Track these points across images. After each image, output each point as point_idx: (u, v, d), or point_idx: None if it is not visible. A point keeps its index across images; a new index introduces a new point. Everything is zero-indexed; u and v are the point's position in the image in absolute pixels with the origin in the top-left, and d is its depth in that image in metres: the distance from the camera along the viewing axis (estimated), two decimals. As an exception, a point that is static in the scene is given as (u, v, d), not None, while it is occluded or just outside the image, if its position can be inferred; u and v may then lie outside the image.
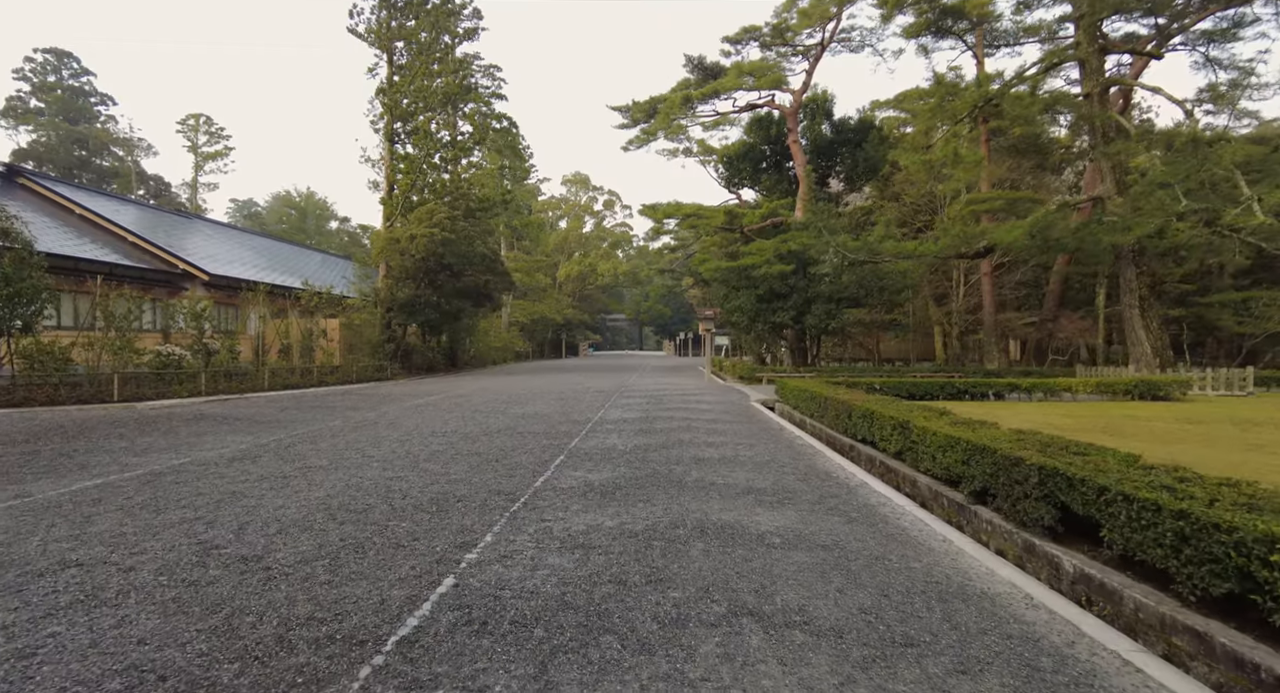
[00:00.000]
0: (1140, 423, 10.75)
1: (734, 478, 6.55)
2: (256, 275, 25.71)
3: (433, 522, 4.79)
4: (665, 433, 9.71)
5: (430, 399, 15.37)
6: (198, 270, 22.31)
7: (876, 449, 8.09)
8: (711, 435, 9.56)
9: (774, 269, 20.35)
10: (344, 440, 8.78)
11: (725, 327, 28.03)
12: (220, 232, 33.28)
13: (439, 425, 10.36)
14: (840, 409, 9.61)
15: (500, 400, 14.92)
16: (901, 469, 7.08)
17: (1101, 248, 17.41)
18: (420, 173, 27.58)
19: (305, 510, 5.05)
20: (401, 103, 27.38)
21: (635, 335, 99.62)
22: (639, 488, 6.02)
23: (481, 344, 39.76)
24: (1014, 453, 4.95)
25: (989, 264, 24.21)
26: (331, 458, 7.39)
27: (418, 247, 24.70)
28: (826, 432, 10.24)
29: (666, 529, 4.68)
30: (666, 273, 51.11)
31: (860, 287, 21.83)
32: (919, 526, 5.15)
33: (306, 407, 13.53)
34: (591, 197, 64.39)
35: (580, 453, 7.91)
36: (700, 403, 14.74)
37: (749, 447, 8.65)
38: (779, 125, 28.20)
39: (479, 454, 7.70)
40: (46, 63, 49.27)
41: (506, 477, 6.44)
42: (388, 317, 26.66)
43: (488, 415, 11.83)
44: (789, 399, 13.47)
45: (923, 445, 6.69)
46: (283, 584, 3.45)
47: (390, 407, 13.52)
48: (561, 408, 13.30)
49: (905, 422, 7.23)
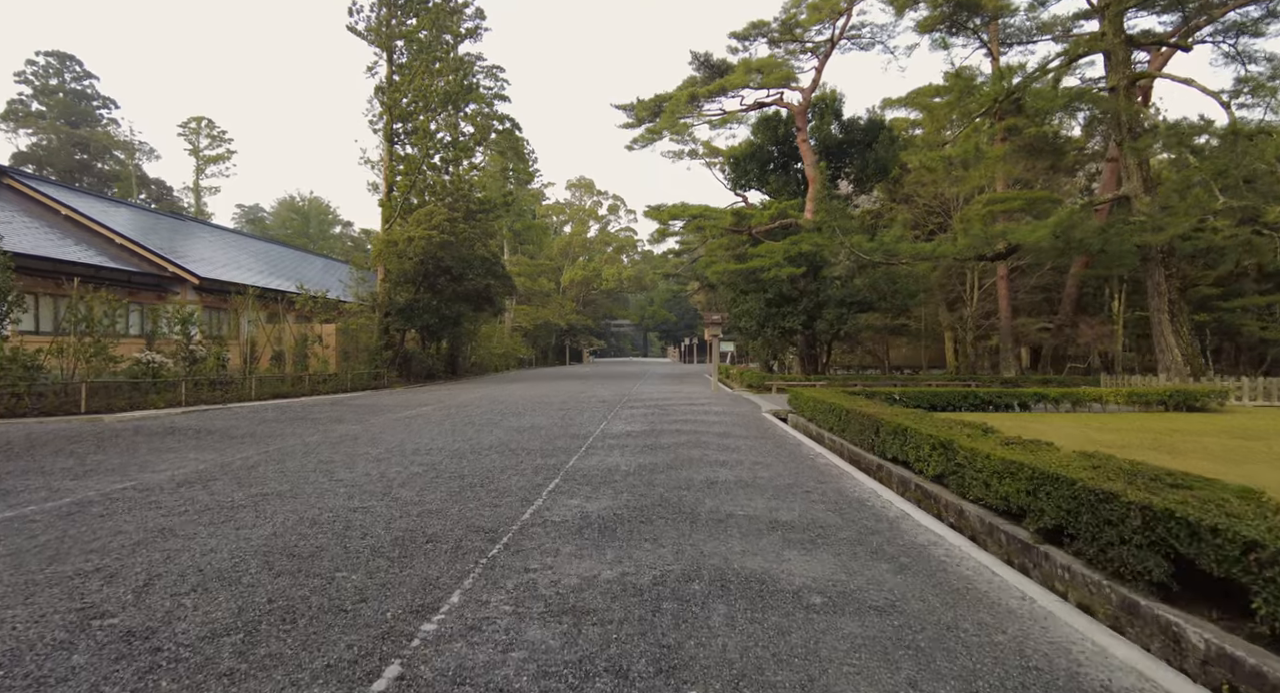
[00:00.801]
0: (1190, 438, 9.82)
1: (754, 507, 5.66)
2: (252, 280, 24.95)
3: (390, 573, 3.92)
4: (672, 449, 8.83)
5: (423, 410, 14.52)
6: (188, 274, 21.56)
7: (910, 470, 7.20)
8: (723, 452, 8.68)
9: (784, 272, 19.47)
10: (315, 459, 7.92)
11: (732, 333, 27.15)
12: (217, 235, 32.60)
13: (425, 441, 9.50)
14: (865, 423, 8.71)
15: (497, 411, 14.06)
16: (943, 495, 6.18)
17: (1127, 250, 16.51)
18: (420, 174, 26.84)
19: (239, 556, 4.18)
20: (401, 102, 26.67)
21: (640, 342, 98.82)
22: (645, 522, 5.14)
23: (483, 350, 38.96)
24: (1101, 485, 4.05)
25: (1005, 268, 23.28)
26: (294, 482, 6.53)
27: (415, 249, 23.92)
28: (849, 448, 9.35)
29: (679, 583, 3.79)
30: (671, 278, 50.28)
31: (873, 291, 20.93)
32: (984, 574, 4.25)
33: (289, 418, 12.69)
34: (596, 201, 63.75)
35: (578, 475, 7.03)
36: (709, 414, 13.86)
37: (766, 466, 7.76)
38: (786, 125, 27.39)
39: (463, 477, 6.83)
40: (49, 66, 48.92)
41: (491, 507, 5.57)
42: (385, 322, 25.89)
43: (481, 429, 10.96)
44: (804, 410, 12.57)
45: (971, 469, 5.79)
46: (165, 680, 2.57)
47: (378, 418, 12.67)
48: (562, 420, 12.43)
49: (948, 441, 6.33)
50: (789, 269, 19.55)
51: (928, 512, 6.17)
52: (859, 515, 5.57)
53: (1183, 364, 15.83)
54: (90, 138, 48.61)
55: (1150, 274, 16.06)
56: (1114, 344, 21.93)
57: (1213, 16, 16.81)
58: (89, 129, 48.99)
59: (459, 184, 28.33)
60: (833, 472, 7.66)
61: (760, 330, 22.09)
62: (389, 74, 26.82)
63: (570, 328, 58.03)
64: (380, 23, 26.46)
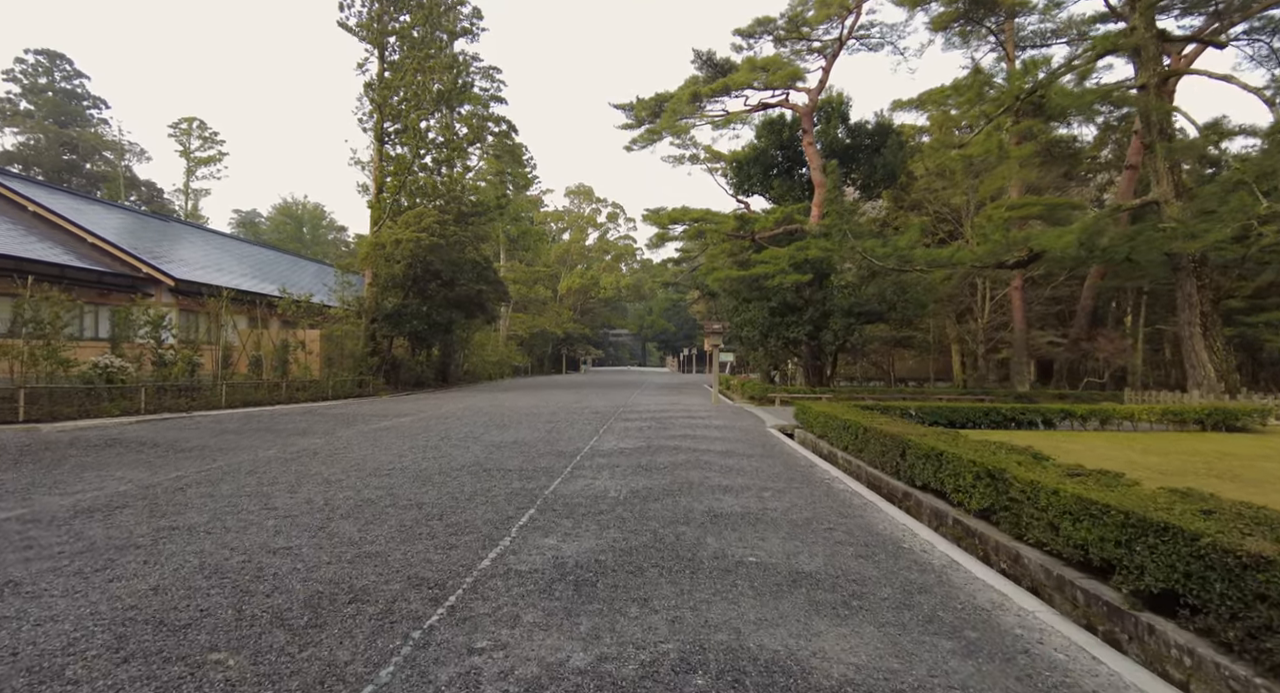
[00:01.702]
0: (1247, 463, 8.80)
1: (768, 551, 4.63)
2: (234, 283, 23.94)
3: (283, 656, 2.87)
4: (670, 471, 7.79)
5: (401, 421, 13.46)
6: (163, 275, 20.52)
7: (946, 502, 6.18)
8: (728, 475, 7.64)
9: (789, 279, 18.48)
10: (257, 481, 6.87)
11: (733, 342, 26.11)
12: (202, 237, 31.59)
13: (390, 459, 8.45)
14: (889, 444, 7.68)
15: (481, 424, 13.00)
16: (992, 536, 5.16)
17: (1154, 258, 15.55)
18: (410, 174, 25.91)
19: (86, 627, 3.13)
20: (391, 100, 25.79)
21: (638, 351, 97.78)
22: (634, 572, 4.10)
23: (476, 358, 37.90)
24: (1242, 546, 3.03)
25: (1020, 278, 22.33)
26: (218, 511, 5.48)
27: (403, 252, 22.94)
28: (868, 471, 8.32)
29: (675, 674, 2.76)
30: (670, 286, 49.37)
31: (882, 300, 19.94)
32: (1082, 660, 3.21)
33: (252, 429, 11.63)
34: (595, 208, 62.91)
35: (558, 503, 5.99)
36: (709, 428, 12.81)
37: (777, 494, 6.72)
38: (791, 129, 26.52)
39: (421, 507, 5.79)
40: (38, 64, 48.10)
41: (444, 550, 4.52)
42: (372, 328, 24.86)
43: (457, 445, 9.91)
44: (814, 426, 11.54)
45: (1031, 506, 4.78)
46: None
47: (348, 431, 11.61)
48: (549, 434, 11.39)
49: (997, 470, 5.31)
50: (794, 276, 18.56)
51: (971, 554, 5.15)
52: (897, 565, 4.54)
53: (1216, 381, 14.83)
54: (80, 138, 47.70)
55: (1181, 284, 15.08)
56: (1132, 358, 20.92)
57: (1249, 12, 15.92)
58: (78, 129, 48.10)
59: (452, 186, 27.41)
60: (854, 502, 6.62)
61: (763, 340, 21.06)
62: (380, 71, 25.96)
63: (567, 337, 57.00)
64: (372, 18, 25.64)
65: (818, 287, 21.04)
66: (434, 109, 27.04)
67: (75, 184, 45.87)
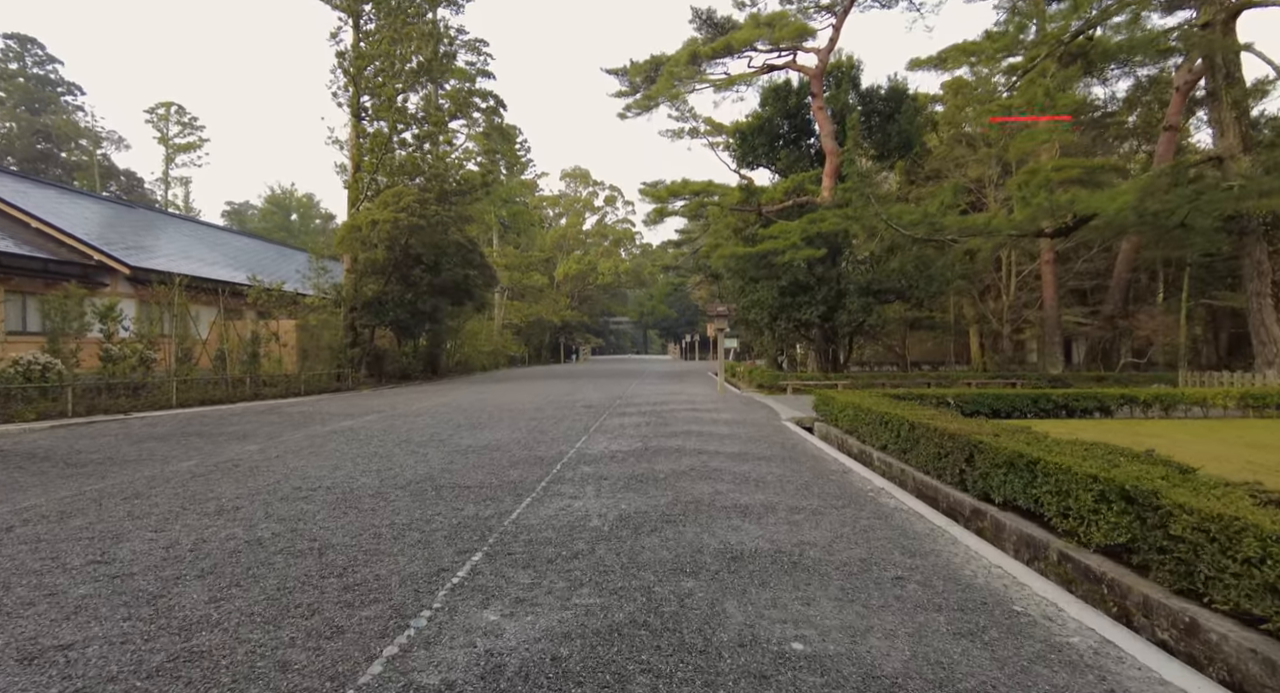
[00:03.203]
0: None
1: (821, 628, 2.97)
2: (203, 271, 22.28)
3: None
4: (671, 483, 6.15)
5: (365, 420, 11.83)
6: (116, 263, 18.85)
7: (1044, 528, 4.51)
8: (744, 488, 5.99)
9: (801, 254, 16.73)
10: (129, 510, 5.24)
11: (738, 326, 24.36)
12: (173, 224, 29.88)
13: (324, 473, 6.81)
14: (948, 446, 5.99)
15: (452, 423, 11.36)
16: (1135, 587, 3.50)
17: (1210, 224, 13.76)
18: (388, 151, 24.13)
19: None
20: (367, 72, 23.96)
21: (639, 339, 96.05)
22: (611, 686, 2.46)
23: (469, 348, 36.22)
24: None
25: (1050, 251, 20.54)
26: (18, 568, 3.84)
27: (380, 234, 21.20)
28: (915, 476, 6.66)
29: None
30: (671, 270, 47.59)
31: (903, 276, 18.19)
32: None
33: (186, 434, 10.01)
34: (592, 192, 60.86)
35: (518, 542, 4.35)
36: (716, 424, 11.15)
37: (813, 517, 5.07)
38: (799, 95, 24.65)
39: (325, 552, 4.14)
40: (9, 49, 46.09)
41: (316, 642, 2.87)
42: (351, 317, 23.19)
43: (415, 451, 8.27)
44: (840, 420, 9.88)
45: (1219, 553, 3.11)
46: None
47: (297, 434, 9.98)
48: (530, 435, 9.75)
49: (1139, 491, 3.65)
50: (807, 251, 16.81)
51: (1098, 608, 3.52)
52: (1022, 651, 2.87)
53: (1288, 358, 13.13)
54: (54, 126, 45.80)
55: (1249, 251, 13.39)
56: (1178, 336, 19.18)
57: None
58: (53, 116, 46.19)
59: (436, 164, 25.63)
60: (916, 528, 4.96)
61: (772, 323, 19.32)
62: (355, 40, 24.11)
63: (565, 325, 55.26)
64: (344, -17, 23.74)
65: (831, 264, 19.30)
66: (414, 82, 25.20)
67: (52, 174, 44.01)
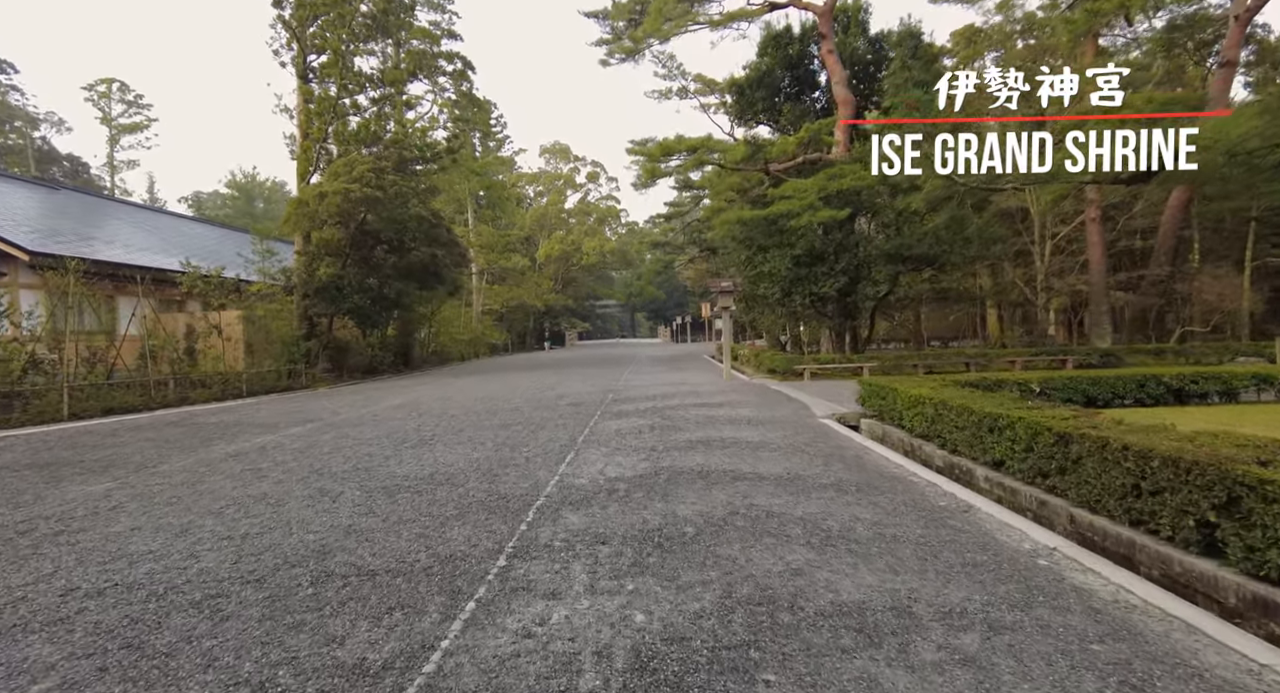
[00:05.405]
0: None
1: None
2: (129, 258, 19.35)
3: None
4: (710, 553, 3.61)
5: (287, 435, 9.20)
6: (13, 247, 15.94)
7: None
8: (832, 556, 3.45)
9: (819, 216, 14.20)
10: None
11: (745, 302, 21.77)
12: (101, 206, 26.73)
13: (151, 548, 4.23)
14: (1160, 477, 3.50)
15: (397, 437, 8.75)
16: None
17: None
18: (339, 117, 21.20)
19: None
20: (312, 28, 20.94)
21: (627, 322, 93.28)
22: None
23: (445, 337, 33.43)
24: None
25: (1097, 208, 18.14)
26: None
27: (330, 209, 18.37)
28: (1088, 522, 4.16)
29: None
30: (660, 246, 44.84)
31: (936, 240, 15.70)
32: None
33: (25, 465, 7.35)
34: (573, 168, 57.62)
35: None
36: (738, 424, 8.62)
37: (989, 634, 2.54)
38: (801, 42, 21.97)
39: None
40: (-72, 25, 42.02)
41: None
42: (304, 305, 20.40)
43: (322, 493, 5.68)
44: (910, 420, 7.39)
45: None
46: None
47: (182, 461, 7.35)
48: (496, 453, 7.19)
49: None
50: (826, 212, 14.27)
51: None
52: None
53: None
54: (-16, 107, 42.01)
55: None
56: (1240, 302, 16.92)
57: None
58: (-18, 97, 42.36)
59: (397, 132, 22.73)
60: (1176, 649, 2.43)
61: (785, 298, 16.78)
62: (296, -9, 21.00)
63: (549, 309, 52.43)
64: (278, -82, 20.58)
65: (849, 230, 16.76)
66: (368, 35, 22.22)
67: (-15, 160, 40.34)
